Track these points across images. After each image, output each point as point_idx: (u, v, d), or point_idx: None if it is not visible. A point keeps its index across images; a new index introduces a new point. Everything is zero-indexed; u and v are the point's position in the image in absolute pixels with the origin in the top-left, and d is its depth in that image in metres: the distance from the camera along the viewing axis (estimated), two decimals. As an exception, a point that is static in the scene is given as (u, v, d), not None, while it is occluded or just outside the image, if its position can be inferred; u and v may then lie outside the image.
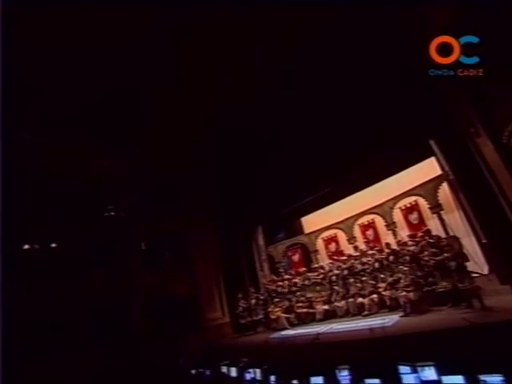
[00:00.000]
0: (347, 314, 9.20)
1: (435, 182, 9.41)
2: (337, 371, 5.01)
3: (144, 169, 11.71)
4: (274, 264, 13.17)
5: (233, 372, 6.82)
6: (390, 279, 8.61)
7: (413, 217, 10.19)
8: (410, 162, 9.56)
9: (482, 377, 3.78)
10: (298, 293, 10.75)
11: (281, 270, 12.69)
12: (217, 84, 9.73)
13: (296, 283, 10.99)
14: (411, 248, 8.41)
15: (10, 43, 6.07)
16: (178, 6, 7.67)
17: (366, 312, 8.65)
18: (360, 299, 9.02)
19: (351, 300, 9.24)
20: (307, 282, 10.75)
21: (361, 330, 6.97)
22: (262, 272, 12.86)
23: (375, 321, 7.50)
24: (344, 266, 10.09)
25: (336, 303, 9.57)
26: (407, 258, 8.26)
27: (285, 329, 9.67)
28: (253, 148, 11.88)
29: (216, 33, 8.37)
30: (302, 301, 10.39)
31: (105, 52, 8.24)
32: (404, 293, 7.71)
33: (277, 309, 10.35)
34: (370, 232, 11.28)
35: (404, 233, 10.09)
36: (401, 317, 7.41)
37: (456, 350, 4.62)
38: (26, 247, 10.49)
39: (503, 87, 6.06)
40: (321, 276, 10.61)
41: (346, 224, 11.73)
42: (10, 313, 6.05)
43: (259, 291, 11.63)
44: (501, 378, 3.68)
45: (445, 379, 4.09)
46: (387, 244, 9.77)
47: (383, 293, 8.65)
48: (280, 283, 11.32)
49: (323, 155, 10.21)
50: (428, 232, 8.54)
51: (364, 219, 11.44)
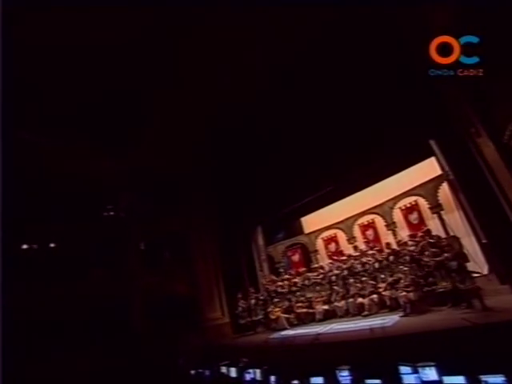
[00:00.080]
0: (347, 314, 9.19)
1: (435, 182, 9.40)
2: (337, 371, 5.00)
3: (144, 169, 11.71)
4: (274, 264, 13.16)
5: (232, 372, 6.82)
6: (390, 279, 8.60)
7: (413, 217, 10.18)
8: (410, 162, 9.55)
9: (483, 377, 3.77)
10: (298, 293, 10.73)
11: (280, 270, 12.68)
12: (217, 84, 9.72)
13: (296, 283, 10.97)
14: (411, 248, 8.42)
15: (10, 43, 6.08)
16: (178, 6, 7.68)
17: (366, 312, 8.65)
18: (360, 299, 9.02)
19: (351, 300, 9.23)
20: (307, 282, 10.73)
21: (361, 330, 6.96)
22: (262, 272, 12.85)
23: (375, 321, 7.49)
24: (344, 266, 10.09)
25: (336, 303, 9.56)
26: (407, 258, 8.26)
27: (284, 329, 9.66)
28: (253, 148, 11.87)
29: (216, 33, 8.37)
30: (302, 301, 10.37)
31: (105, 52, 8.24)
32: (404, 293, 7.70)
33: (276, 309, 10.34)
34: (370, 232, 11.26)
35: (404, 233, 10.08)
36: (401, 317, 7.40)
37: (457, 351, 4.62)
38: (26, 247, 10.49)
39: (503, 87, 6.05)
40: (320, 276, 10.59)
41: (346, 224, 11.71)
42: (10, 313, 6.06)
43: (259, 291, 11.63)
44: (502, 379, 3.67)
45: (446, 379, 4.08)
46: (387, 244, 9.76)
47: (383, 293, 8.65)
48: (280, 283, 11.31)
49: (323, 155, 10.21)
50: (428, 232, 8.54)
51: (364, 219, 11.43)
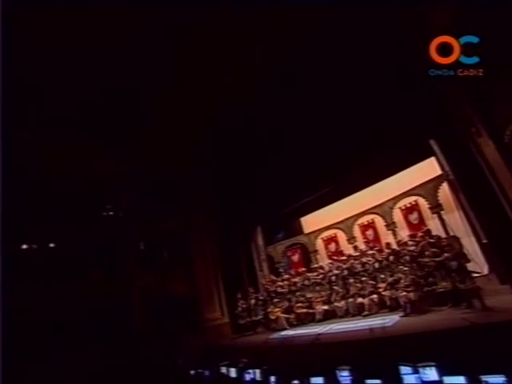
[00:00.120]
0: (347, 315, 9.18)
1: (435, 182, 9.39)
2: (337, 372, 5.00)
3: (144, 169, 11.70)
4: (274, 264, 13.14)
5: (232, 372, 6.81)
6: (390, 279, 8.60)
7: (413, 217, 10.17)
8: (410, 162, 9.54)
9: (484, 377, 3.76)
10: (298, 293, 10.72)
11: (280, 271, 12.67)
12: (217, 84, 9.72)
13: (295, 283, 10.96)
14: (411, 248, 8.41)
15: (10, 43, 6.08)
16: (178, 6, 7.68)
17: (366, 312, 8.64)
18: (360, 299, 9.01)
19: (351, 300, 9.22)
20: (307, 282, 10.72)
21: (361, 331, 6.95)
22: (262, 272, 12.84)
23: (375, 321, 7.49)
24: (344, 266, 10.08)
25: (336, 303, 9.55)
26: (407, 258, 8.26)
27: (284, 329, 9.65)
28: (253, 148, 11.87)
29: (216, 33, 8.37)
30: (302, 301, 10.36)
31: (105, 52, 8.24)
32: (404, 293, 7.70)
33: (276, 309, 10.33)
34: (370, 232, 11.25)
35: (404, 233, 10.06)
36: (401, 317, 7.40)
37: (457, 351, 4.61)
38: (26, 247, 10.49)
39: (503, 87, 6.07)
40: (320, 276, 10.58)
41: (346, 224, 11.70)
42: (10, 313, 6.05)
43: (258, 291, 11.62)
44: (503, 379, 3.66)
45: (446, 380, 4.07)
46: (387, 244, 9.75)
47: (383, 293, 8.64)
48: (279, 283, 11.30)
49: (323, 155, 10.20)
50: (428, 232, 8.53)
51: (364, 219, 11.41)
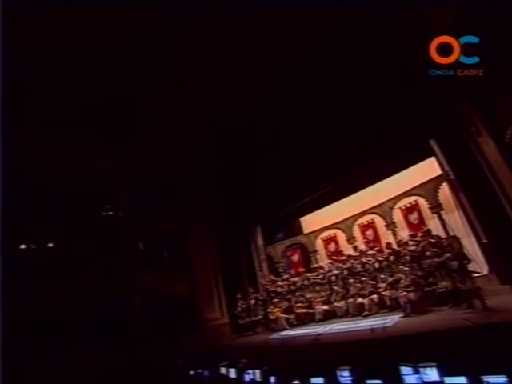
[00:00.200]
0: (347, 315, 9.18)
1: (435, 182, 9.40)
2: (337, 372, 4.99)
3: (144, 169, 11.70)
4: (273, 264, 13.15)
5: (232, 373, 6.79)
6: (391, 279, 8.60)
7: (413, 217, 10.18)
8: (410, 162, 9.54)
9: (485, 378, 3.74)
10: (298, 293, 10.73)
11: (280, 271, 12.68)
12: (217, 84, 9.71)
13: (295, 283, 10.96)
14: (412, 248, 8.41)
15: (10, 43, 6.07)
16: (178, 6, 7.67)
17: (366, 312, 8.64)
18: (360, 299, 9.01)
19: (351, 300, 9.22)
20: (306, 283, 10.73)
21: (361, 331, 6.95)
22: (261, 272, 12.84)
23: (375, 321, 7.48)
24: (343, 267, 10.08)
25: (336, 303, 9.56)
26: (408, 258, 8.26)
27: (284, 329, 9.64)
28: (253, 148, 11.87)
29: (216, 33, 8.36)
30: (302, 301, 10.36)
31: (105, 52, 8.23)
32: (404, 293, 7.69)
33: (276, 309, 10.33)
34: (370, 232, 11.26)
35: (404, 233, 10.06)
36: (401, 317, 7.39)
37: (458, 351, 4.60)
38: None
39: (504, 87, 6.07)
40: (320, 276, 10.59)
41: (346, 224, 11.70)
42: (10, 313, 6.05)
43: (258, 291, 11.61)
44: (504, 379, 3.63)
45: (447, 380, 4.05)
46: (388, 244, 9.75)
47: (383, 293, 8.64)
48: (279, 283, 11.31)
49: (323, 155, 10.20)
50: (428, 232, 8.53)
51: (364, 219, 11.42)
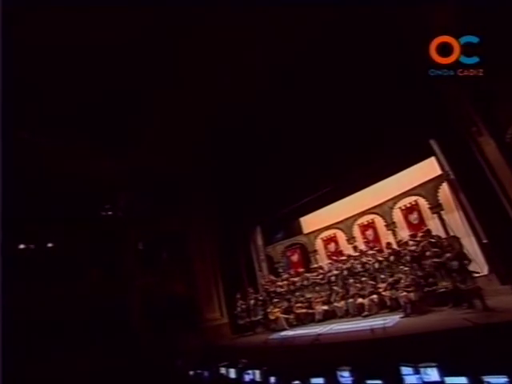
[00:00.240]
0: (347, 315, 9.17)
1: (435, 182, 9.39)
2: (338, 372, 4.97)
3: (144, 169, 11.70)
4: (273, 264, 13.13)
5: (232, 373, 6.78)
6: (391, 279, 8.60)
7: (413, 217, 10.17)
8: (410, 162, 9.54)
9: (486, 378, 3.72)
10: (297, 293, 10.71)
11: (280, 271, 12.67)
12: (217, 84, 9.71)
13: (295, 283, 10.96)
14: (412, 248, 8.41)
15: (10, 43, 6.07)
16: (178, 6, 7.67)
17: (366, 312, 8.64)
18: (360, 300, 9.00)
19: (351, 300, 9.21)
20: (306, 283, 10.71)
21: (361, 331, 6.94)
22: (261, 272, 12.82)
23: (375, 321, 7.47)
24: (343, 267, 10.08)
25: (335, 304, 9.55)
26: (408, 258, 8.26)
27: (284, 329, 9.63)
28: (253, 148, 11.87)
29: (216, 33, 8.36)
30: (301, 301, 10.35)
31: (105, 52, 8.23)
32: (404, 293, 7.69)
33: (276, 309, 10.31)
34: (370, 232, 11.25)
35: (404, 233, 10.06)
36: (401, 317, 7.39)
37: (459, 351, 4.58)
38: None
39: (504, 87, 6.07)
40: (320, 276, 10.58)
41: (346, 224, 11.70)
42: (10, 313, 6.05)
43: (258, 292, 11.59)
44: (505, 379, 3.61)
45: (448, 380, 4.03)
46: (388, 244, 9.74)
47: (383, 293, 8.63)
48: (279, 283, 11.30)
49: (323, 155, 10.19)
50: (428, 232, 8.53)
51: (364, 219, 11.41)
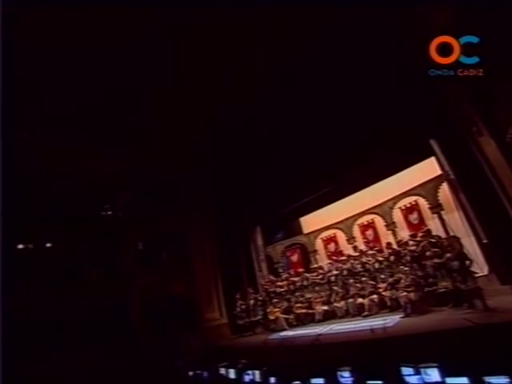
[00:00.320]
0: (347, 315, 9.17)
1: (435, 182, 9.40)
2: (338, 373, 4.96)
3: (144, 169, 11.70)
4: (273, 264, 13.13)
5: (231, 373, 6.76)
6: (391, 279, 8.59)
7: (413, 217, 10.18)
8: (410, 162, 9.54)
9: (487, 378, 3.69)
10: (297, 293, 10.71)
11: (279, 271, 12.68)
12: (217, 84, 9.71)
13: (295, 283, 10.95)
14: (412, 248, 8.41)
15: (10, 43, 6.07)
16: (178, 6, 7.67)
17: (366, 313, 8.63)
18: (360, 300, 9.00)
19: (351, 300, 9.21)
20: (306, 283, 10.71)
21: (361, 331, 6.94)
22: (261, 272, 12.81)
23: (375, 321, 7.47)
24: (343, 267, 10.07)
25: (335, 304, 9.55)
26: (408, 258, 8.25)
27: (284, 330, 9.62)
28: (253, 148, 11.87)
29: (216, 33, 8.36)
30: (301, 301, 10.34)
31: (105, 52, 8.23)
32: (405, 293, 7.69)
33: (275, 309, 10.30)
34: (370, 232, 11.26)
35: (404, 233, 10.06)
36: (401, 317, 7.38)
37: (459, 351, 4.57)
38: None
39: (504, 87, 6.07)
40: (320, 276, 10.57)
41: (346, 224, 11.71)
42: (10, 313, 6.05)
43: (258, 292, 11.58)
44: (506, 380, 3.59)
45: (449, 380, 4.00)
46: (388, 244, 9.74)
47: (383, 293, 8.63)
48: (279, 283, 11.29)
49: (323, 155, 10.19)
50: (429, 232, 8.54)
51: (364, 219, 11.42)
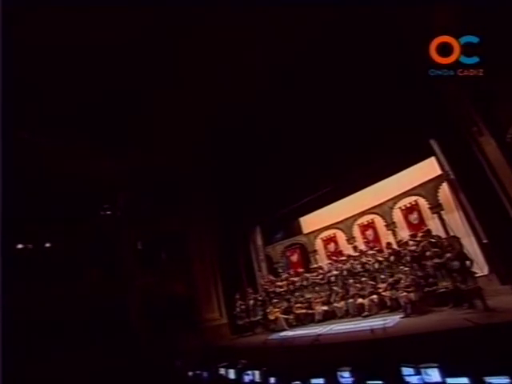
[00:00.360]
0: (347, 315, 9.17)
1: (435, 182, 9.40)
2: (338, 373, 4.94)
3: (144, 169, 11.70)
4: (272, 264, 13.13)
5: (231, 374, 6.75)
6: (391, 279, 8.59)
7: (413, 217, 10.18)
8: (410, 162, 9.54)
9: (488, 379, 3.67)
10: (297, 293, 10.70)
11: (279, 271, 12.67)
12: (217, 84, 9.71)
13: (294, 284, 10.94)
14: (412, 248, 8.41)
15: (10, 43, 6.07)
16: (178, 6, 7.67)
17: (366, 313, 8.63)
18: (360, 300, 8.99)
19: (351, 301, 9.20)
20: (306, 283, 10.69)
21: (362, 331, 6.93)
22: (260, 272, 12.80)
23: (375, 321, 7.47)
24: (343, 267, 10.07)
25: (335, 304, 9.54)
26: (408, 258, 8.25)
27: (283, 330, 9.62)
28: (253, 148, 11.86)
29: (216, 33, 8.36)
30: (301, 301, 10.34)
31: (105, 52, 8.23)
32: (405, 293, 7.69)
33: (275, 310, 10.30)
34: (370, 232, 11.26)
35: (404, 233, 10.06)
36: (401, 318, 7.38)
37: (460, 351, 4.56)
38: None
39: (504, 87, 6.07)
40: (320, 276, 10.56)
41: (346, 224, 11.70)
42: (10, 313, 6.05)
43: (257, 292, 11.58)
44: (507, 380, 3.57)
45: (449, 381, 3.98)
46: (388, 244, 9.73)
47: (383, 293, 8.63)
48: (278, 284, 11.28)
49: (323, 155, 10.19)
50: (429, 232, 8.53)
51: (363, 219, 11.42)
